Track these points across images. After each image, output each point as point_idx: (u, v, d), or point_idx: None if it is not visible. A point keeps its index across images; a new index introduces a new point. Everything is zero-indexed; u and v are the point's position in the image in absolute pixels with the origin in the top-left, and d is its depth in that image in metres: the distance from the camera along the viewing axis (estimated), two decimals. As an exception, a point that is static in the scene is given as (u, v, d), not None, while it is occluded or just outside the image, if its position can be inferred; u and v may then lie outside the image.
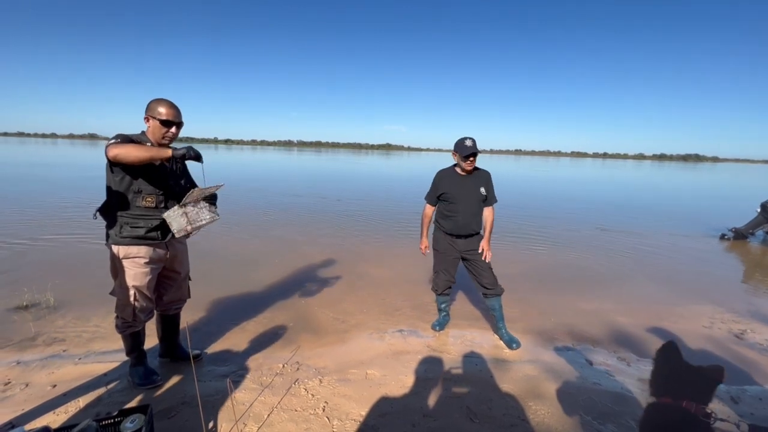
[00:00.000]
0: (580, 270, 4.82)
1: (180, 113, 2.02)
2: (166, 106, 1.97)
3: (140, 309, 2.03)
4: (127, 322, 2.05)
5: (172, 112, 1.97)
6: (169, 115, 1.96)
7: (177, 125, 2.01)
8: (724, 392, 2.33)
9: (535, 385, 2.32)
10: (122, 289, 1.98)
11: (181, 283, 2.27)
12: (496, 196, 2.86)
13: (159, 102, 1.97)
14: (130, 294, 1.97)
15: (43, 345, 2.59)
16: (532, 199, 11.83)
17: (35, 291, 3.33)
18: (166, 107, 1.96)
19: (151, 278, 2.03)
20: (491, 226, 2.83)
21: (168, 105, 1.98)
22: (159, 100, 1.98)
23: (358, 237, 6.20)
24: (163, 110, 1.95)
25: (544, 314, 3.42)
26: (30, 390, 2.08)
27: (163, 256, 2.07)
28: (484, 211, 2.83)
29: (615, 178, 25.63)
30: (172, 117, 1.96)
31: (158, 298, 2.21)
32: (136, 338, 2.14)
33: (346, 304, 3.50)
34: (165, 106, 1.96)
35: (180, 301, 2.33)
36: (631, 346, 2.92)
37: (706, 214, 10.18)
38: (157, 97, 2.00)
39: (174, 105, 2.00)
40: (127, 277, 1.95)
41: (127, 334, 2.10)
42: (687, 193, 16.92)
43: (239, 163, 26.25)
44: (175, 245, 2.15)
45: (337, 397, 2.13)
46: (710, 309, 3.68)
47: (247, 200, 9.43)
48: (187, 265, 2.31)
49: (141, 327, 2.13)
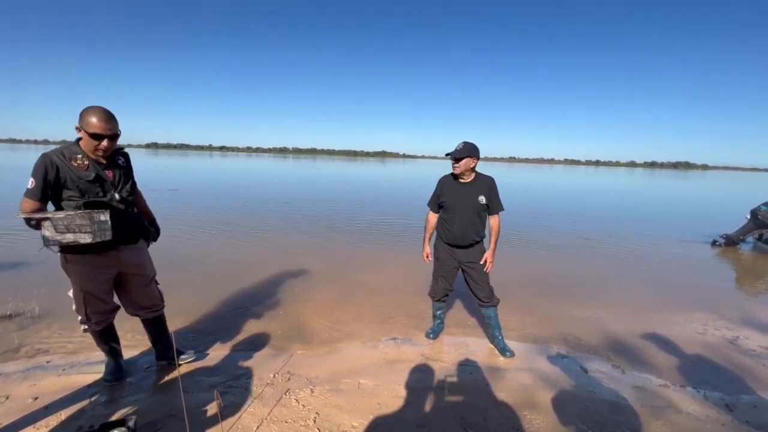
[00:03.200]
0: (573, 277, 4.82)
1: (113, 124, 1.82)
2: (97, 116, 1.77)
3: (92, 310, 2.04)
4: (84, 321, 2.08)
5: (100, 125, 1.77)
6: (98, 127, 1.76)
7: (108, 138, 1.82)
8: (719, 399, 2.32)
9: (530, 393, 2.30)
10: (73, 290, 2.02)
11: (147, 287, 2.21)
12: (501, 204, 2.71)
13: (89, 111, 1.79)
14: (79, 296, 2.01)
15: (26, 356, 2.52)
16: (525, 207, 11.89)
17: (20, 300, 3.24)
18: (97, 117, 1.77)
19: (99, 281, 2.00)
20: (496, 235, 2.71)
21: (98, 115, 1.78)
22: (90, 108, 1.80)
23: (353, 244, 6.16)
24: (93, 121, 1.76)
25: (539, 322, 3.41)
26: (10, 403, 2.01)
27: (110, 261, 2.01)
28: (489, 219, 2.71)
29: (607, 186, 25.90)
30: (100, 130, 1.77)
31: (130, 301, 2.21)
32: (100, 335, 2.17)
33: (339, 312, 3.45)
34: (95, 115, 1.77)
35: (154, 306, 2.29)
36: (625, 353, 2.91)
37: (697, 221, 10.29)
38: (91, 105, 1.81)
39: (106, 115, 1.80)
40: (73, 280, 1.99)
41: (90, 332, 2.13)
42: (677, 200, 17.13)
43: (233, 171, 26.17)
44: (126, 250, 2.07)
45: (328, 407, 2.08)
46: (703, 315, 3.69)
47: (241, 207, 9.37)
48: (150, 269, 2.22)
49: (99, 327, 2.12)
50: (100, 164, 1.91)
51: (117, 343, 2.30)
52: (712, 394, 2.38)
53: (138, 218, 2.16)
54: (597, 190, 21.10)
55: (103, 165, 1.93)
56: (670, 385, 2.46)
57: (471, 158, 2.57)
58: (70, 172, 1.81)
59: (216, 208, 8.88)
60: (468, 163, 2.58)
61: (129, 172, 2.09)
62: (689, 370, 2.68)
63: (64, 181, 1.81)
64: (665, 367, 2.72)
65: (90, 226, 1.71)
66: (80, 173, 1.83)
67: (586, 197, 16.45)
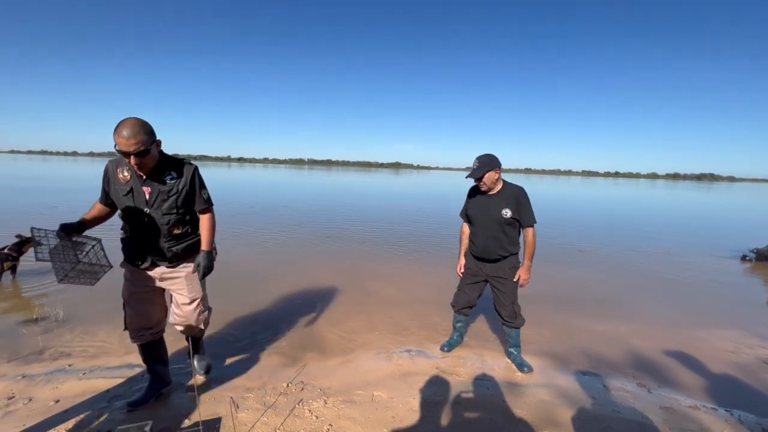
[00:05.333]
0: (593, 290, 4.68)
1: (138, 139, 1.69)
2: (118, 133, 1.68)
3: (129, 321, 2.05)
4: (125, 329, 2.09)
5: (123, 141, 1.67)
6: (121, 144, 1.68)
7: (134, 155, 1.70)
8: (755, 423, 2.18)
9: (550, 411, 2.21)
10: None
11: (185, 307, 2.11)
12: (533, 216, 2.53)
13: (117, 126, 1.70)
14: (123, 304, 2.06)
15: (50, 359, 2.59)
16: (541, 218, 11.68)
17: (46, 304, 3.35)
18: (119, 134, 1.68)
19: (132, 292, 2.02)
20: (530, 250, 2.51)
21: (121, 131, 1.68)
22: (119, 123, 1.71)
23: (366, 253, 6.16)
24: (116, 137, 1.69)
25: (557, 336, 3.30)
26: (33, 405, 2.06)
27: (150, 278, 2.02)
28: (525, 232, 2.55)
29: (628, 197, 25.24)
30: (124, 147, 1.69)
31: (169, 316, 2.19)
32: (141, 350, 2.13)
33: (353, 322, 3.43)
34: (118, 132, 1.68)
35: (186, 327, 2.18)
36: (650, 371, 2.78)
37: (725, 234, 9.88)
38: (124, 118, 1.73)
39: (129, 131, 1.68)
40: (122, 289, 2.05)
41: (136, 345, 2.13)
42: (702, 213, 16.51)
43: (253, 181, 26.71)
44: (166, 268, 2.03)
45: (342, 419, 2.05)
46: (734, 333, 3.50)
47: (259, 217, 9.52)
48: (192, 292, 2.09)
49: (135, 341, 2.08)
50: (142, 178, 1.86)
51: (158, 363, 2.17)
52: (747, 416, 2.24)
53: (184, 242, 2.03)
54: (618, 202, 20.57)
55: (143, 179, 1.86)
56: (700, 406, 2.33)
57: (492, 171, 2.48)
58: (114, 183, 1.88)
59: (239, 219, 9.06)
60: (491, 176, 2.50)
61: (175, 190, 1.91)
62: (720, 391, 2.54)
63: (110, 191, 1.90)
64: (694, 387, 2.58)
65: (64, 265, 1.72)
66: (119, 186, 1.87)
67: (607, 209, 16.04)
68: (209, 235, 2.07)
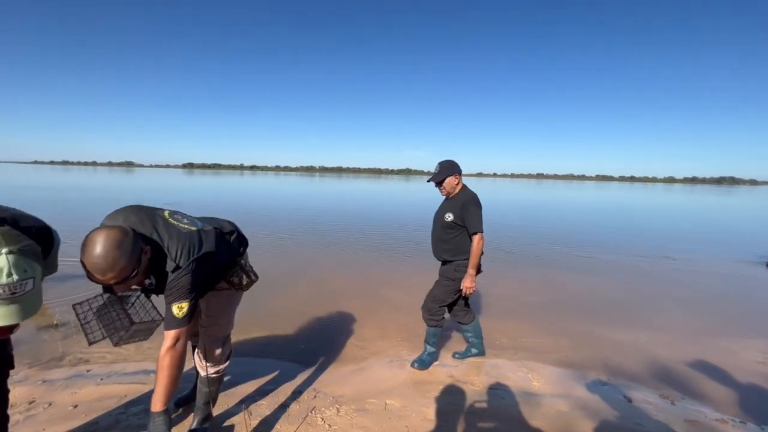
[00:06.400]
0: (612, 298, 4.55)
1: (106, 269, 1.21)
2: (87, 256, 1.22)
3: None
4: None
5: (92, 276, 1.24)
6: (91, 276, 1.25)
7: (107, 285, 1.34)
8: (788, 439, 2.07)
9: (568, 422, 2.14)
10: None
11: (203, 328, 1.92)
12: (478, 223, 2.48)
13: (85, 246, 1.23)
14: None
15: (69, 365, 2.64)
16: (555, 225, 11.49)
17: (66, 310, 3.43)
18: (87, 263, 1.23)
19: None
20: (473, 257, 2.51)
21: (88, 255, 1.22)
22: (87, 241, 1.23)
23: (377, 259, 6.15)
24: (86, 263, 1.23)
25: (575, 345, 3.21)
26: (52, 409, 2.10)
27: None
28: (472, 239, 2.53)
29: (645, 202, 24.66)
30: (95, 280, 1.26)
31: None
32: None
33: (366, 329, 3.41)
34: (86, 255, 1.22)
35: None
36: (673, 382, 2.68)
37: (748, 240, 9.53)
38: (88, 236, 1.24)
39: (98, 264, 1.21)
40: None
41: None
42: (723, 218, 16.01)
43: (268, 188, 27.06)
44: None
45: (354, 428, 2.03)
46: (763, 343, 3.36)
47: (274, 222, 9.61)
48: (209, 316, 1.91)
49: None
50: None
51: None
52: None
53: None
54: (635, 207, 20.11)
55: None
56: (728, 420, 2.23)
57: (452, 176, 2.62)
58: None
59: (253, 224, 9.16)
60: (451, 181, 2.64)
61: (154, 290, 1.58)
62: (749, 404, 2.43)
63: None
64: (720, 400, 2.48)
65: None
66: None
67: (623, 214, 15.69)
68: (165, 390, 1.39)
